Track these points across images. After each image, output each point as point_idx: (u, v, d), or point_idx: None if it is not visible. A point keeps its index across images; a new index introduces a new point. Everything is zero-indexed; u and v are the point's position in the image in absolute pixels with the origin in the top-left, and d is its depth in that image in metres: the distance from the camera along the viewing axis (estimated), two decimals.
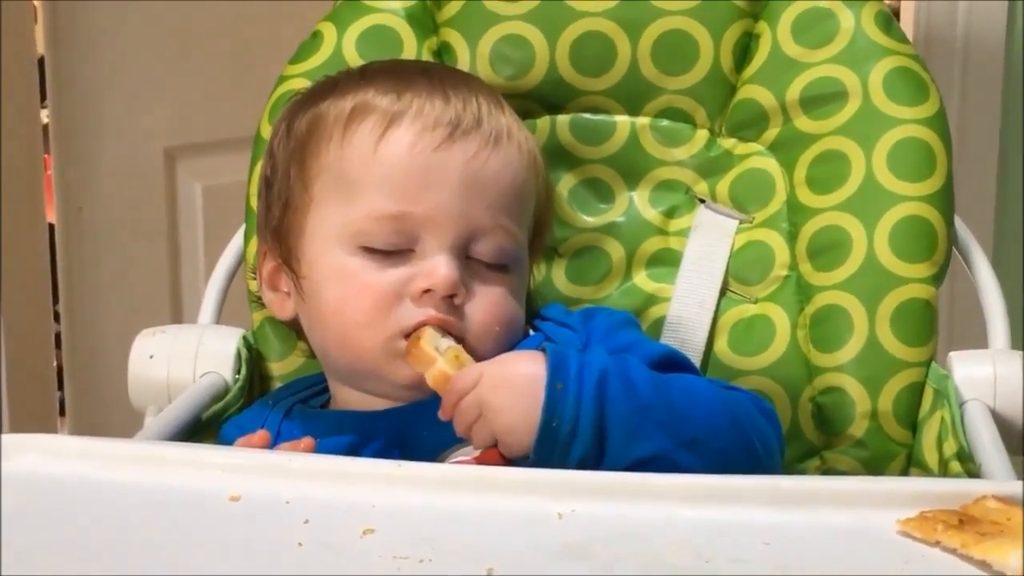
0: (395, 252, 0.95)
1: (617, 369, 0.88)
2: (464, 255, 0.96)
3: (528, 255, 1.02)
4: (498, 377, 0.89)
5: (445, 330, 0.94)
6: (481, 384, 0.89)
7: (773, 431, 0.93)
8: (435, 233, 0.95)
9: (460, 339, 0.94)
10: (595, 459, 0.86)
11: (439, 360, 0.91)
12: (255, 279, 1.07)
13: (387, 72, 1.02)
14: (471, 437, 0.89)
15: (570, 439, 0.86)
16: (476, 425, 0.89)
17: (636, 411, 0.87)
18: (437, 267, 0.94)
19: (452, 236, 0.95)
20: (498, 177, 0.97)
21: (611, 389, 0.87)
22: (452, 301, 0.94)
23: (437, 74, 1.02)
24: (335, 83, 1.02)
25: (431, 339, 0.93)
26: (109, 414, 1.85)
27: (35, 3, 1.86)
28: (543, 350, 0.89)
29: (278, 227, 1.00)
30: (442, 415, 0.90)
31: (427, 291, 0.94)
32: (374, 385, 0.97)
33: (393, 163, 0.95)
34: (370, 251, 0.95)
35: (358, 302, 0.94)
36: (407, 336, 0.94)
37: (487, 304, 0.96)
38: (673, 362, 0.97)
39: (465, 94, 0.99)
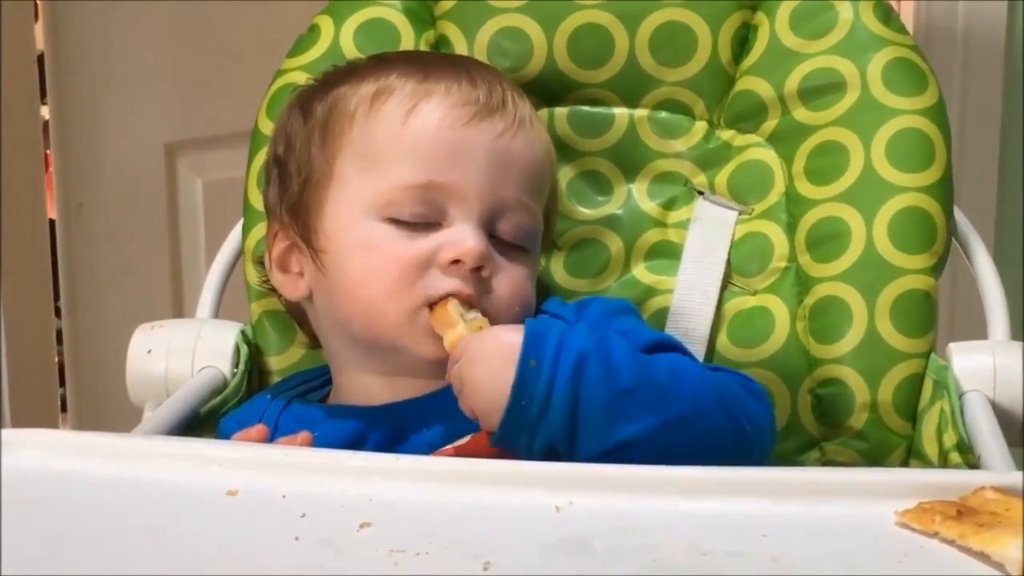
0: (421, 224, 0.95)
1: (598, 349, 0.86)
2: (489, 232, 0.96)
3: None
4: (478, 351, 0.88)
5: (470, 304, 0.94)
6: (462, 358, 0.88)
7: (763, 410, 0.92)
8: (462, 206, 0.95)
9: (484, 314, 0.94)
10: (566, 443, 0.84)
11: (460, 325, 0.91)
12: (261, 265, 1.07)
13: (408, 59, 1.03)
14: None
15: (538, 420, 0.84)
16: (459, 400, 0.88)
17: (616, 395, 0.85)
18: (465, 238, 0.94)
19: (479, 209, 0.95)
20: (523, 156, 0.98)
21: (589, 372, 0.85)
22: (479, 274, 0.94)
23: (460, 61, 1.04)
24: (351, 70, 1.03)
25: (457, 307, 0.93)
26: (111, 410, 1.84)
27: (35, 0, 1.86)
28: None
29: (296, 203, 1.00)
30: (448, 378, 0.90)
31: (455, 262, 0.94)
32: (396, 359, 0.96)
33: (422, 136, 0.96)
34: (396, 223, 0.95)
35: (384, 271, 0.94)
36: (432, 306, 0.94)
37: (510, 283, 0.96)
38: (666, 348, 0.96)
39: (490, 79, 1.00)
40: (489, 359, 0.87)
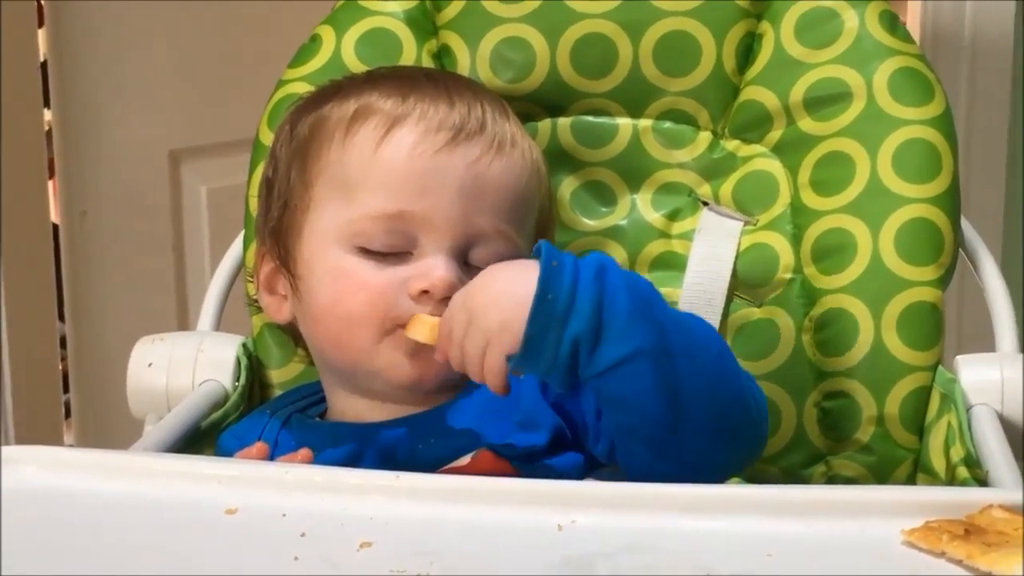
0: (392, 254, 0.94)
1: (615, 266, 0.85)
2: (463, 261, 0.95)
3: None
4: (485, 279, 0.86)
5: None
6: (467, 291, 0.86)
7: (763, 399, 0.91)
8: (433, 236, 0.94)
9: None
10: (591, 343, 0.82)
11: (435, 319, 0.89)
12: (253, 282, 1.06)
13: (392, 76, 1.02)
14: (466, 361, 0.86)
15: (567, 314, 0.82)
16: (467, 340, 0.85)
17: (638, 301, 0.83)
18: (434, 268, 0.93)
19: (450, 239, 0.94)
20: (500, 182, 0.97)
21: (611, 276, 0.83)
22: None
23: (443, 80, 1.02)
24: (339, 87, 1.02)
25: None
26: (115, 416, 1.84)
27: (39, 5, 1.86)
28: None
29: (277, 227, 1.00)
30: (438, 356, 0.88)
31: (425, 292, 0.93)
32: (371, 383, 0.96)
33: (393, 165, 0.95)
34: (366, 252, 0.94)
35: (353, 298, 0.94)
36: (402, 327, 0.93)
37: None
38: None
39: (470, 100, 0.98)
40: (500, 279, 0.85)
